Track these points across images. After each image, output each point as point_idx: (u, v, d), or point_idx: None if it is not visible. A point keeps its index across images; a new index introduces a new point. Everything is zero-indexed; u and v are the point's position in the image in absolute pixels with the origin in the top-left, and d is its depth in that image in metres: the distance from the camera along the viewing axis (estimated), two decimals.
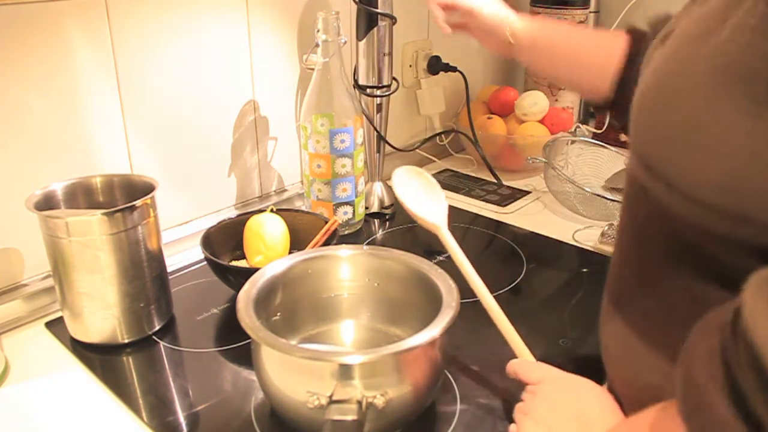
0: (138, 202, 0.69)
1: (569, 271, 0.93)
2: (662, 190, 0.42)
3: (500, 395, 0.65)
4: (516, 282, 0.87)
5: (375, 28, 0.97)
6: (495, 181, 1.21)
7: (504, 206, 1.12)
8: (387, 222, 1.06)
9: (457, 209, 1.10)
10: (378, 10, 0.96)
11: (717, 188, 0.38)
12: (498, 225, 1.05)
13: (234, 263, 0.85)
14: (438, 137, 1.28)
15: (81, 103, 0.80)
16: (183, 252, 0.93)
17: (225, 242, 0.85)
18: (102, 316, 0.71)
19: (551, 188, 1.10)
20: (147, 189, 0.72)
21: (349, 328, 0.71)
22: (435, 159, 1.31)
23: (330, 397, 0.53)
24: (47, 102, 0.77)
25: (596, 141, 1.18)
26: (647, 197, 0.45)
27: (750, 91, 0.37)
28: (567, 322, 0.78)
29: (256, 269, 0.65)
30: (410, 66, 1.24)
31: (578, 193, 1.02)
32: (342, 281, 0.70)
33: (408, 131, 1.30)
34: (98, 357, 0.72)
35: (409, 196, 0.72)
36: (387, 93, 1.03)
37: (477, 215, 1.08)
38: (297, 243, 0.86)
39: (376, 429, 0.56)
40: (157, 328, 0.75)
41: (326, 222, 0.84)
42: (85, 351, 0.72)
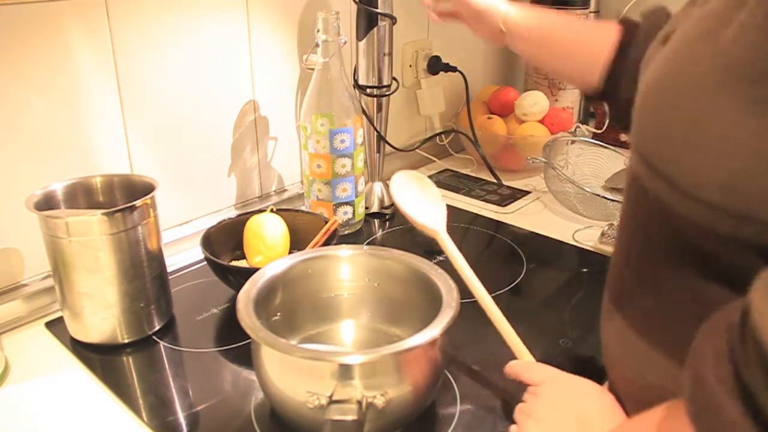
0: (138, 202, 0.69)
1: (569, 271, 0.93)
2: (664, 190, 0.42)
3: (500, 395, 0.65)
4: (516, 282, 0.87)
5: (375, 28, 0.97)
6: (495, 181, 1.21)
7: (504, 206, 1.12)
8: (387, 222, 1.06)
9: (457, 209, 1.10)
10: (378, 10, 0.96)
11: (720, 188, 0.38)
12: (498, 225, 1.05)
13: (234, 263, 0.85)
14: (438, 137, 1.28)
15: (81, 103, 0.80)
16: (183, 252, 0.93)
17: (225, 242, 0.85)
18: (102, 316, 0.71)
19: (551, 188, 1.10)
20: (147, 189, 0.72)
21: (349, 328, 0.71)
22: (435, 159, 1.31)
23: (330, 397, 0.53)
24: (47, 102, 0.77)
25: (596, 141, 1.18)
26: (648, 196, 0.45)
27: (754, 91, 0.36)
28: (567, 322, 0.78)
29: (256, 269, 0.65)
30: (410, 66, 1.24)
31: (578, 193, 1.02)
32: (342, 281, 0.70)
33: (408, 131, 1.30)
34: (98, 357, 0.72)
35: (408, 202, 0.72)
36: (387, 93, 1.03)
37: (477, 215, 1.08)
38: (297, 243, 0.86)
39: (376, 429, 0.56)
40: (157, 328, 0.75)
41: (326, 222, 0.84)
42: (85, 351, 0.72)
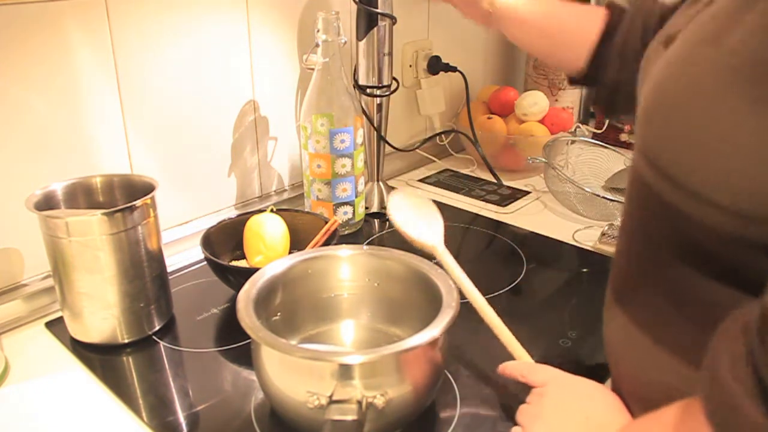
0: (138, 202, 0.69)
1: (569, 271, 0.93)
2: (668, 190, 0.42)
3: (501, 395, 0.65)
4: (516, 282, 0.87)
5: (375, 28, 0.97)
6: (495, 181, 1.21)
7: (504, 206, 1.12)
8: (387, 222, 1.06)
9: (457, 209, 1.10)
10: (378, 10, 0.96)
11: (730, 189, 0.38)
12: (498, 225, 1.05)
13: (234, 263, 0.85)
14: (438, 137, 1.28)
15: (81, 103, 0.80)
16: (183, 252, 0.93)
17: (225, 242, 0.85)
18: (102, 316, 0.71)
19: (551, 188, 1.10)
20: (147, 189, 0.72)
21: (349, 328, 0.71)
22: (435, 159, 1.31)
23: (330, 397, 0.53)
24: (47, 102, 0.77)
25: (596, 141, 1.18)
26: (651, 196, 0.45)
27: (759, 90, 0.36)
28: (567, 322, 0.78)
29: (256, 269, 0.65)
30: (410, 66, 1.24)
31: (578, 193, 1.02)
32: (342, 281, 0.70)
33: (408, 131, 1.30)
34: (98, 357, 0.72)
35: (404, 220, 0.72)
36: (387, 93, 1.03)
37: (477, 215, 1.08)
38: (297, 243, 0.86)
39: (376, 429, 0.56)
40: (157, 328, 0.75)
41: (326, 222, 0.84)
42: (85, 351, 0.72)
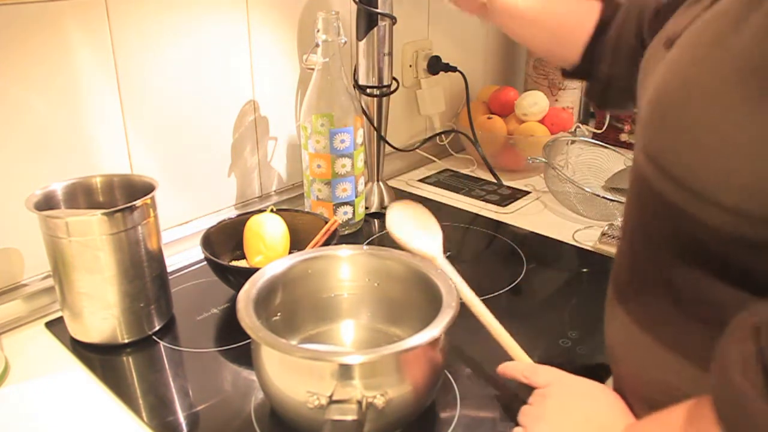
0: (138, 202, 0.69)
1: (569, 271, 0.93)
2: (671, 189, 0.42)
3: (501, 395, 0.65)
4: (516, 282, 0.87)
5: (375, 28, 0.97)
6: (495, 181, 1.21)
7: (504, 206, 1.12)
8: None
9: (457, 209, 1.10)
10: (378, 10, 0.96)
11: (739, 191, 0.38)
12: (498, 225, 1.05)
13: (234, 263, 0.85)
14: (438, 137, 1.28)
15: (81, 103, 0.80)
16: (183, 252, 0.93)
17: (225, 242, 0.85)
18: (102, 316, 0.71)
19: (551, 188, 1.10)
20: (147, 189, 0.72)
21: (349, 328, 0.71)
22: (435, 159, 1.31)
23: (330, 397, 0.53)
24: (47, 102, 0.77)
25: (596, 141, 1.18)
26: (654, 195, 0.45)
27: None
28: (567, 322, 0.78)
29: (256, 269, 0.65)
30: (410, 66, 1.24)
31: (578, 193, 1.02)
32: (342, 281, 0.70)
33: (408, 131, 1.30)
34: (98, 357, 0.72)
35: (404, 233, 0.73)
36: (387, 93, 1.03)
37: (477, 215, 1.08)
38: (297, 243, 0.86)
39: (376, 429, 0.56)
40: (157, 328, 0.75)
41: (326, 222, 0.84)
42: (85, 351, 0.72)
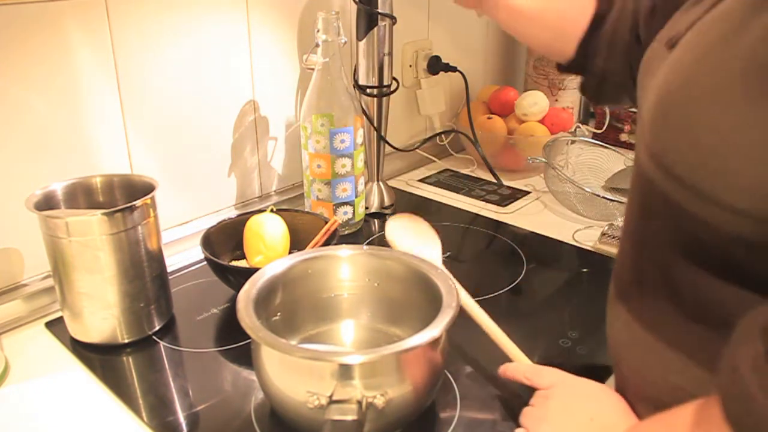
0: (138, 202, 0.69)
1: (569, 271, 0.93)
2: (674, 189, 0.42)
3: (501, 395, 0.65)
4: (516, 282, 0.87)
5: (375, 28, 0.97)
6: (495, 181, 1.21)
7: (504, 206, 1.12)
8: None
9: (457, 209, 1.10)
10: (378, 10, 0.96)
11: (749, 192, 0.38)
12: (498, 225, 1.05)
13: (234, 263, 0.85)
14: (438, 137, 1.28)
15: (81, 103, 0.80)
16: (183, 252, 0.93)
17: (225, 242, 0.85)
18: (102, 316, 0.71)
19: (551, 188, 1.10)
20: (147, 189, 0.72)
21: (349, 328, 0.71)
22: (435, 159, 1.31)
23: (330, 397, 0.53)
24: (47, 102, 0.77)
25: (596, 141, 1.18)
26: (656, 193, 0.45)
27: None
28: (567, 322, 0.78)
29: (256, 269, 0.65)
30: (410, 66, 1.24)
31: (578, 193, 1.02)
32: (342, 281, 0.70)
33: (408, 131, 1.30)
34: (98, 357, 0.72)
35: (404, 247, 0.74)
36: (387, 93, 1.03)
37: (477, 215, 1.08)
38: (297, 243, 0.86)
39: (376, 429, 0.56)
40: (157, 328, 0.75)
41: (326, 222, 0.84)
42: (85, 351, 0.72)
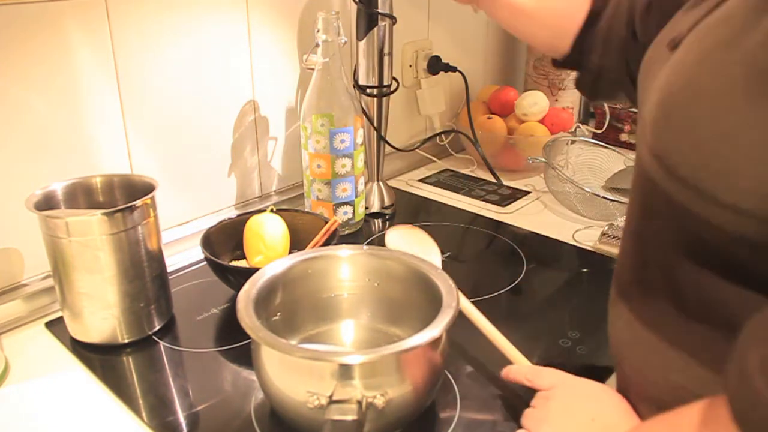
0: (138, 202, 0.69)
1: (569, 271, 0.93)
2: (677, 189, 0.42)
3: (501, 395, 0.65)
4: (516, 282, 0.87)
5: (375, 28, 0.97)
6: (495, 181, 1.21)
7: (504, 206, 1.12)
8: (387, 222, 1.06)
9: (457, 209, 1.10)
10: (378, 10, 0.96)
11: (753, 194, 0.38)
12: (498, 225, 1.05)
13: (234, 263, 0.85)
14: (438, 137, 1.28)
15: (81, 103, 0.80)
16: (183, 252, 0.93)
17: (225, 242, 0.85)
18: (102, 316, 0.71)
19: (551, 188, 1.10)
20: (147, 189, 0.72)
21: (349, 328, 0.71)
22: (435, 159, 1.31)
23: (330, 397, 0.53)
24: (47, 102, 0.77)
25: (596, 141, 1.18)
26: (659, 193, 0.45)
27: None
28: (567, 322, 0.78)
29: (256, 269, 0.65)
30: (410, 66, 1.24)
31: (578, 193, 1.02)
32: (342, 281, 0.70)
33: (408, 131, 1.30)
34: (98, 357, 0.72)
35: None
36: (387, 93, 1.03)
37: (477, 215, 1.08)
38: (297, 243, 0.86)
39: (376, 429, 0.56)
40: (157, 328, 0.75)
41: (326, 222, 0.84)
42: (85, 351, 0.72)
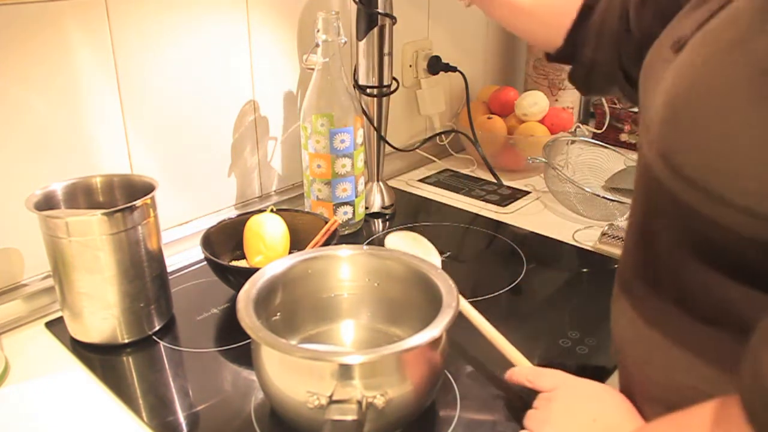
0: (138, 202, 0.69)
1: (569, 271, 0.93)
2: (683, 188, 0.42)
3: (501, 395, 0.65)
4: (516, 282, 0.87)
5: (375, 28, 0.97)
6: (495, 181, 1.21)
7: (504, 206, 1.12)
8: (387, 222, 1.06)
9: (457, 209, 1.10)
10: (378, 10, 0.96)
11: (748, 192, 0.38)
12: (498, 225, 1.05)
13: (234, 263, 0.85)
14: (438, 137, 1.28)
15: (81, 103, 0.80)
16: (183, 252, 0.93)
17: (225, 242, 0.85)
18: (102, 316, 0.71)
19: (551, 188, 1.10)
20: (147, 189, 0.72)
21: (349, 328, 0.71)
22: (435, 159, 1.31)
23: (330, 397, 0.53)
24: (47, 102, 0.77)
25: (596, 141, 1.18)
26: (663, 192, 0.45)
27: None
28: (567, 322, 0.78)
29: (256, 269, 0.65)
30: (410, 66, 1.24)
31: (578, 193, 1.02)
32: (342, 281, 0.70)
33: (408, 131, 1.30)
34: (98, 357, 0.72)
35: None
36: (387, 93, 1.03)
37: (477, 215, 1.08)
38: (297, 243, 0.86)
39: (376, 429, 0.56)
40: (157, 328, 0.75)
41: (326, 222, 0.84)
42: (85, 351, 0.72)
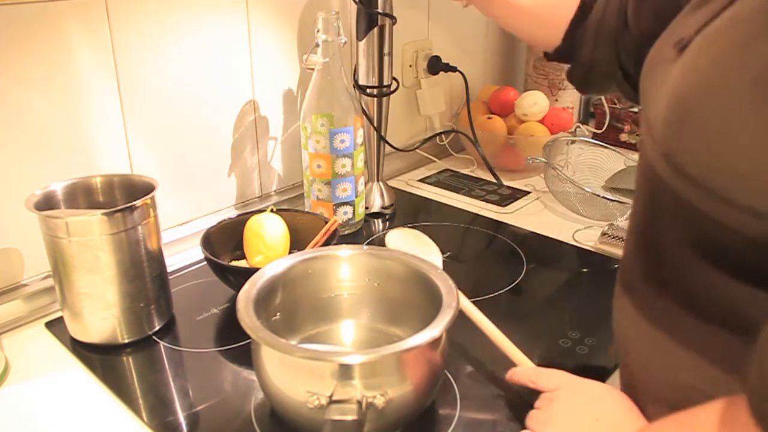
0: (138, 202, 0.69)
1: (569, 271, 0.93)
2: (685, 188, 0.42)
3: (501, 395, 0.65)
4: (516, 282, 0.87)
5: (375, 28, 0.97)
6: (495, 181, 1.21)
7: (504, 206, 1.12)
8: (387, 222, 1.06)
9: (457, 209, 1.10)
10: (378, 10, 0.96)
11: (751, 192, 0.38)
12: (498, 225, 1.05)
13: (234, 263, 0.85)
14: (438, 137, 1.28)
15: (81, 103, 0.80)
16: (183, 252, 0.93)
17: (225, 242, 0.85)
18: (102, 316, 0.71)
19: (551, 188, 1.10)
20: (147, 189, 0.72)
21: (349, 328, 0.71)
22: (435, 159, 1.31)
23: (330, 397, 0.53)
24: (47, 102, 0.77)
25: (596, 141, 1.18)
26: (666, 191, 0.44)
27: None
28: (567, 322, 0.78)
29: (256, 269, 0.65)
30: (410, 66, 1.24)
31: (578, 193, 1.02)
32: (342, 281, 0.70)
33: (408, 131, 1.30)
34: (98, 357, 0.72)
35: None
36: (387, 93, 1.03)
37: (477, 215, 1.08)
38: (297, 243, 0.86)
39: (376, 429, 0.56)
40: (157, 328, 0.75)
41: (326, 222, 0.84)
42: (85, 351, 0.72)
